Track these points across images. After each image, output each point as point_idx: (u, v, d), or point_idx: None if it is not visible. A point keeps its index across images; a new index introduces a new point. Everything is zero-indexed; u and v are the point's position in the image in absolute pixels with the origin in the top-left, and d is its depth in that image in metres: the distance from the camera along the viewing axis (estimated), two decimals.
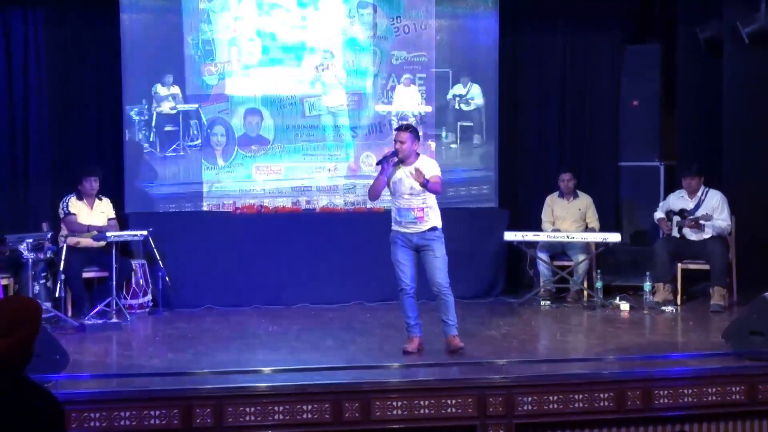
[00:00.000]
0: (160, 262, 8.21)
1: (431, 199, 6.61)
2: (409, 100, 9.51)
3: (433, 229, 6.58)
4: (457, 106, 9.58)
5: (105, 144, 9.12)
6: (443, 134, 9.59)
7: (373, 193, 6.67)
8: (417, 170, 6.38)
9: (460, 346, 6.60)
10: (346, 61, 9.40)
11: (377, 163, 6.62)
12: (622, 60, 9.84)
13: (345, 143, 9.37)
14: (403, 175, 6.54)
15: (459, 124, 9.62)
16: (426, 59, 9.46)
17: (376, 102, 9.40)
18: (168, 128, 9.13)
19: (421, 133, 8.97)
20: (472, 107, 9.59)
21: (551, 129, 9.97)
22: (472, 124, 9.59)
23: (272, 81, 9.27)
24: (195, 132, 9.17)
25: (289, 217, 9.06)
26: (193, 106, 9.17)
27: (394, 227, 6.68)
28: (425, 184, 6.37)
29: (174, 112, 9.13)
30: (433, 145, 9.52)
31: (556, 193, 9.29)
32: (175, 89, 9.13)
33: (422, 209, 6.56)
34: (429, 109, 9.52)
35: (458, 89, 9.58)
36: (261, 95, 9.27)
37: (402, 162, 6.57)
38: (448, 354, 6.55)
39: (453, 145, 9.62)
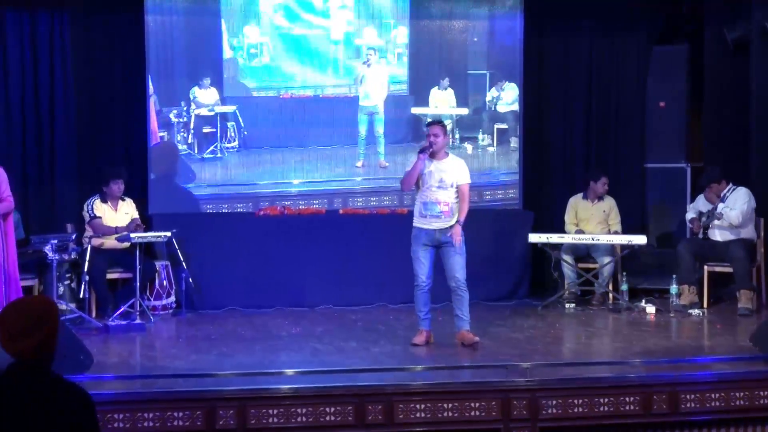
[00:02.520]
0: (184, 263, 8.22)
1: (456, 196, 6.78)
2: (445, 103, 9.56)
3: (456, 226, 6.74)
4: (493, 108, 9.68)
5: (130, 145, 9.14)
6: (479, 137, 9.65)
7: (408, 182, 6.78)
8: (455, 236, 6.65)
9: (475, 340, 6.75)
10: (387, 60, 9.54)
11: (419, 152, 6.75)
12: (648, 61, 9.79)
13: (379, 144, 9.44)
14: (433, 168, 6.70)
15: (495, 126, 9.71)
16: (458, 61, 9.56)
17: (410, 104, 9.49)
18: (206, 130, 9.21)
19: (457, 136, 9.28)
20: (507, 110, 9.66)
21: (577, 131, 9.95)
22: (507, 126, 9.67)
23: (303, 79, 9.42)
24: (232, 134, 9.26)
25: (312, 218, 9.06)
26: (231, 108, 9.25)
27: (417, 222, 6.80)
28: (460, 219, 6.67)
29: (212, 113, 9.22)
30: (469, 147, 9.56)
31: (580, 195, 9.24)
32: (213, 91, 9.22)
33: (448, 204, 6.71)
34: (465, 111, 9.59)
35: (493, 92, 9.66)
36: (291, 95, 9.40)
37: (433, 156, 6.73)
38: (462, 348, 6.71)
39: (490, 148, 9.70)
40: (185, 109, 9.15)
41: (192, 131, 9.18)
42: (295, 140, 9.35)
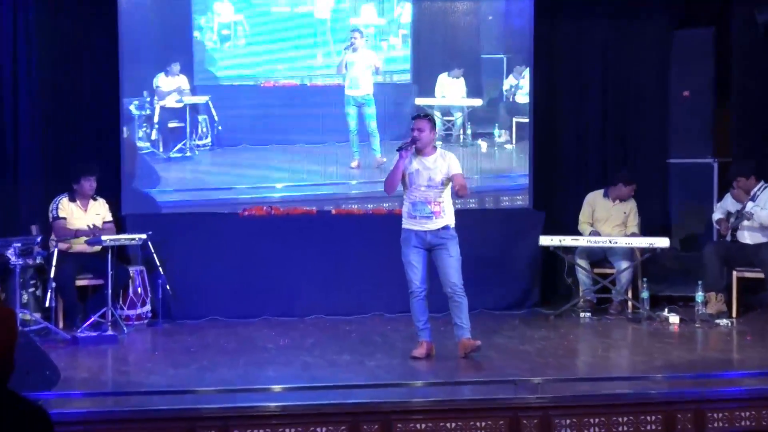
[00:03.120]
0: (161, 268, 8.23)
1: (447, 194, 6.84)
2: (455, 93, 9.54)
3: (447, 227, 6.82)
4: (511, 99, 9.64)
5: (102, 141, 9.08)
6: (496, 132, 9.61)
7: (390, 185, 6.84)
8: (457, 191, 6.70)
9: (476, 344, 6.80)
10: (377, 45, 9.49)
11: (397, 150, 6.76)
12: (670, 47, 9.81)
13: (373, 141, 9.42)
14: (420, 165, 6.76)
15: (514, 120, 9.68)
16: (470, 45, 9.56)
17: (414, 94, 9.46)
18: (173, 124, 9.08)
19: (469, 132, 9.43)
20: (527, 100, 9.62)
21: (592, 123, 9.98)
22: (528, 120, 9.60)
23: (288, 65, 9.33)
24: (204, 129, 9.13)
25: (301, 219, 9.05)
26: (202, 99, 9.15)
27: (407, 224, 6.87)
28: (459, 195, 6.75)
29: (180, 105, 9.10)
30: (484, 145, 9.54)
31: (600, 192, 9.26)
32: (182, 80, 9.10)
33: (439, 203, 6.78)
34: (478, 102, 9.54)
35: (511, 79, 9.65)
36: (273, 83, 9.31)
37: (419, 152, 6.78)
38: (463, 358, 6.73)
39: (508, 146, 9.69)
40: (148, 100, 9.01)
41: (156, 126, 9.06)
42: (279, 136, 9.29)
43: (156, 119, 9.02)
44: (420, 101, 9.51)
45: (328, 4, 9.38)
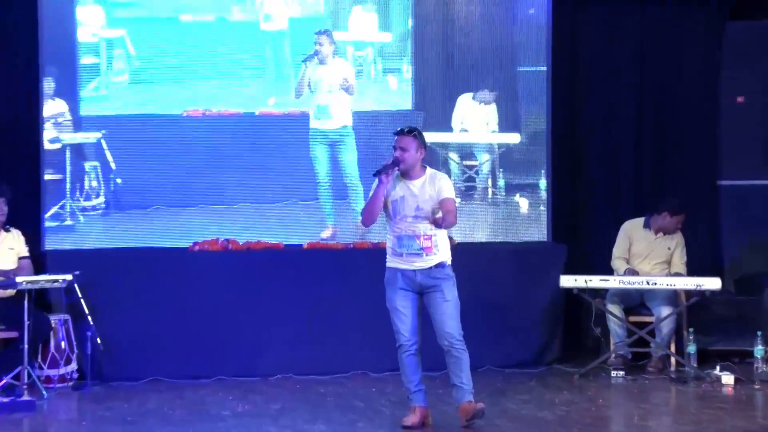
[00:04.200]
0: (90, 317, 8.19)
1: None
2: (480, 122, 9.54)
3: (442, 265, 6.80)
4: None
5: (18, 158, 9.12)
6: (541, 183, 9.58)
7: (368, 215, 6.84)
8: (435, 219, 6.68)
9: (479, 408, 6.77)
10: (379, 79, 9.50)
11: (374, 174, 6.75)
12: (721, 42, 9.90)
13: (351, 196, 9.28)
14: (406, 191, 6.78)
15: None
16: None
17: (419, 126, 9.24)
18: (49, 176, 8.88)
19: (501, 183, 9.44)
20: None
21: (623, 136, 10.04)
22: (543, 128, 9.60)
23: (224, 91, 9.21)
24: (94, 183, 8.93)
25: (266, 256, 9.01)
26: (91, 136, 8.95)
27: (392, 262, 6.87)
28: (438, 224, 6.68)
29: (56, 146, 8.93)
30: (524, 203, 9.52)
31: (640, 221, 9.23)
32: (59, 105, 8.97)
33: (430, 237, 6.77)
34: (515, 138, 9.53)
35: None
36: (203, 113, 9.18)
37: (404, 175, 6.77)
38: (465, 427, 6.74)
39: None
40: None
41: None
42: (212, 193, 9.19)
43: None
44: (428, 136, 9.36)
45: (283, 10, 9.29)
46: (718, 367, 8.51)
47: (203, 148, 9.09)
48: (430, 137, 9.04)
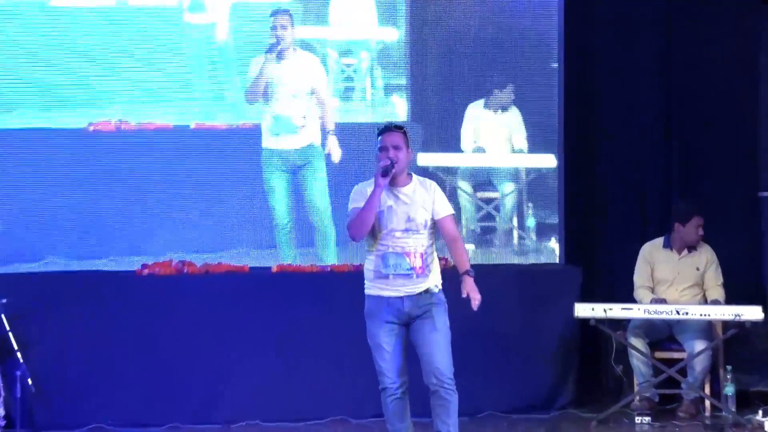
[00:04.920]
0: (19, 354, 8.14)
1: (432, 242, 6.77)
2: (500, 135, 9.46)
3: (433, 290, 6.70)
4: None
5: None
6: None
7: (360, 226, 6.62)
8: (471, 292, 6.60)
9: None
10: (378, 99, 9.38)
11: (381, 172, 6.57)
12: (760, 25, 9.87)
13: (318, 241, 9.20)
14: (394, 200, 6.66)
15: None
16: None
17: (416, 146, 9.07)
18: None
19: (531, 224, 9.45)
20: None
21: (647, 141, 9.95)
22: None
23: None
24: None
25: (228, 280, 8.91)
26: None
27: (374, 288, 6.72)
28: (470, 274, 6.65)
29: None
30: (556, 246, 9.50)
31: (659, 241, 9.11)
32: None
33: (422, 256, 6.65)
34: (551, 162, 9.44)
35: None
36: (117, 125, 9.06)
37: (390, 181, 6.65)
38: None
39: None
40: None
41: None
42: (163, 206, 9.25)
43: None
44: (426, 159, 9.28)
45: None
46: (760, 412, 8.40)
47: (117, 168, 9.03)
48: (432, 159, 9.20)
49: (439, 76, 9.47)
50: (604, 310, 8.44)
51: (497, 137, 9.50)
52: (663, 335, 8.83)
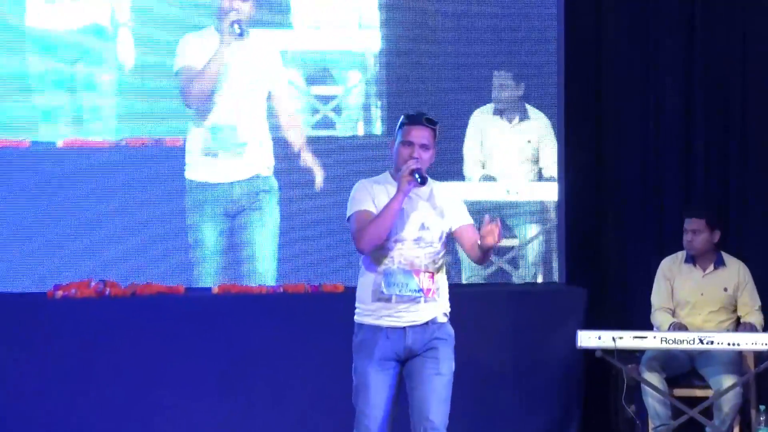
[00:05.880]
0: None
1: (445, 259, 6.69)
2: (528, 164, 9.46)
3: (441, 320, 6.60)
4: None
5: None
6: None
7: (376, 233, 6.42)
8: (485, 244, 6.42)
9: None
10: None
11: (412, 173, 6.41)
12: None
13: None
14: (406, 203, 6.52)
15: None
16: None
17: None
18: None
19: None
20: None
21: (667, 138, 9.98)
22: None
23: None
24: None
25: (159, 303, 8.84)
26: None
27: (369, 316, 6.57)
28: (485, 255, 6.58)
29: None
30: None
31: (680, 256, 9.05)
32: None
33: (433, 276, 6.54)
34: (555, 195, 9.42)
35: None
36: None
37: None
38: None
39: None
40: None
41: None
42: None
43: None
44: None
45: None
46: None
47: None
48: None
49: (425, 67, 9.43)
50: (613, 339, 8.30)
51: (516, 158, 9.46)
52: (684, 369, 8.75)
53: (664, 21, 9.95)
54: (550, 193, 9.44)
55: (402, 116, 6.68)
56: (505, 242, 9.30)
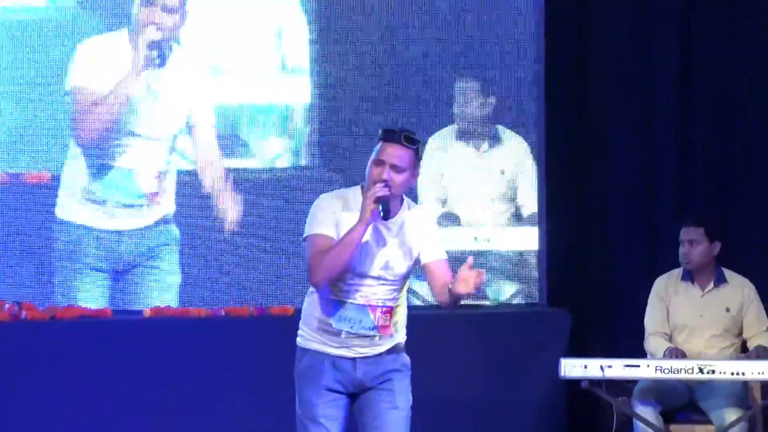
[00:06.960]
0: None
1: (404, 292, 6.47)
2: (503, 203, 9.18)
3: (396, 351, 6.40)
4: None
5: None
6: None
7: (333, 265, 6.16)
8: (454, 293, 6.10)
9: None
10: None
11: (375, 201, 6.15)
12: None
13: None
14: (371, 235, 6.29)
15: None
16: None
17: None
18: None
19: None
20: None
21: (661, 142, 9.79)
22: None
23: None
24: None
25: (84, 328, 8.57)
26: None
27: (315, 342, 6.31)
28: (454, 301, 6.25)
29: None
30: None
31: (676, 273, 8.66)
32: None
33: (390, 311, 6.33)
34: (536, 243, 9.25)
35: None
36: None
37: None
38: None
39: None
40: None
41: None
42: None
43: None
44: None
45: None
46: None
47: None
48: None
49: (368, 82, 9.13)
50: (601, 368, 7.84)
51: (487, 193, 9.16)
52: (681, 401, 8.33)
53: (658, 28, 9.94)
54: (529, 240, 9.25)
55: (380, 130, 6.39)
56: (472, 301, 9.03)
